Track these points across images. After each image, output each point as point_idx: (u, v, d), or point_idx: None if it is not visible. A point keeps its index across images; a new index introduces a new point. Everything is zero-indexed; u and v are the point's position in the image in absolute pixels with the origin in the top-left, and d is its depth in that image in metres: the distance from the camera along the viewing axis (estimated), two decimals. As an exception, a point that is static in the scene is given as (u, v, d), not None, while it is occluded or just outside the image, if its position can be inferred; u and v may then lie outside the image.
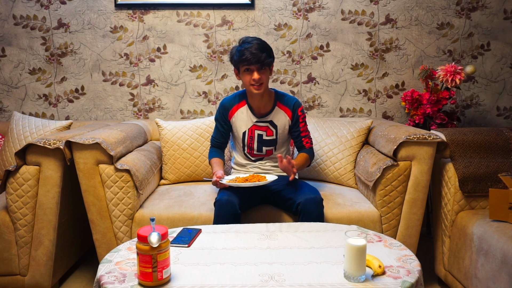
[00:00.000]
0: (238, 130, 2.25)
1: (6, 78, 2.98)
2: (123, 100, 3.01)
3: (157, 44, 2.96)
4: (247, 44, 2.09)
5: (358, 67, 3.01)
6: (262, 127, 2.22)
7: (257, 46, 2.08)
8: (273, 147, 2.25)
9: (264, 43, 2.13)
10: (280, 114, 2.23)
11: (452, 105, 3.02)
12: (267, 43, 2.15)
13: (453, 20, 2.97)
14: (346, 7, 2.95)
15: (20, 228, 2.06)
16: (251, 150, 2.25)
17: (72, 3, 2.91)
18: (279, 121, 2.23)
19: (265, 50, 2.10)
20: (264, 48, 2.10)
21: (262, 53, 2.07)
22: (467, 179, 2.04)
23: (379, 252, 1.53)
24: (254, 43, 2.09)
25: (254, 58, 2.06)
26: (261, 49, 2.08)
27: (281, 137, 2.25)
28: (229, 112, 2.25)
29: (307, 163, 2.25)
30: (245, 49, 2.07)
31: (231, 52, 2.16)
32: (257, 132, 2.22)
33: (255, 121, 2.22)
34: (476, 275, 1.85)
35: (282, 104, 2.24)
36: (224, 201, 1.95)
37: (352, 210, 2.13)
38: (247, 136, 2.23)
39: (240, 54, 2.08)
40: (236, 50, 2.12)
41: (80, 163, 2.04)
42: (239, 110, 2.24)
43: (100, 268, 1.43)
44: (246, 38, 2.15)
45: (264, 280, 1.35)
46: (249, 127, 2.23)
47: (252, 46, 2.07)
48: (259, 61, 2.07)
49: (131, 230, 2.11)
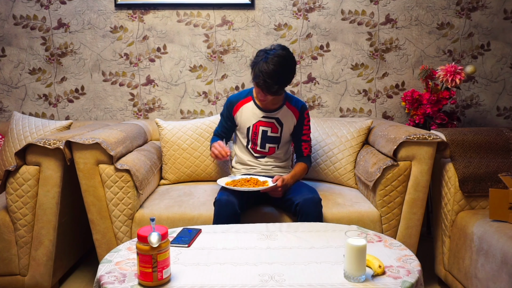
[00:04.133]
0: (242, 124, 2.25)
1: (6, 78, 2.98)
2: (123, 100, 3.01)
3: (157, 44, 2.96)
4: (267, 66, 1.98)
5: (358, 67, 3.01)
6: (268, 123, 2.22)
7: (273, 74, 1.98)
8: (276, 145, 2.25)
9: (285, 69, 2.02)
10: (287, 113, 2.23)
11: (452, 105, 3.02)
12: (289, 65, 2.04)
13: (453, 20, 2.97)
14: (346, 7, 2.95)
15: (20, 228, 2.06)
16: (254, 145, 2.25)
17: (72, 3, 2.91)
18: (286, 120, 2.23)
19: (281, 80, 2.01)
20: (282, 77, 2.01)
21: (275, 84, 2.00)
22: (467, 179, 2.04)
23: (379, 252, 1.53)
24: (273, 68, 1.97)
25: (266, 86, 2.01)
26: (277, 79, 1.99)
27: (285, 137, 2.25)
28: (234, 107, 2.25)
29: (305, 172, 2.26)
30: (262, 72, 1.98)
31: (256, 59, 2.05)
32: (262, 128, 2.22)
33: (261, 116, 2.22)
34: (476, 275, 1.85)
35: (291, 105, 2.24)
36: (224, 201, 1.95)
37: (352, 210, 2.13)
38: (251, 131, 2.23)
39: (256, 75, 2.02)
40: (257, 66, 2.01)
41: (80, 163, 2.04)
42: (244, 105, 2.25)
43: (100, 268, 1.43)
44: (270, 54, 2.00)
45: (264, 280, 1.35)
46: (254, 123, 2.23)
47: (270, 72, 1.97)
48: (269, 91, 2.03)
49: (131, 230, 2.11)
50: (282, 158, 2.29)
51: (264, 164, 2.28)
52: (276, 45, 2.07)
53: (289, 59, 2.04)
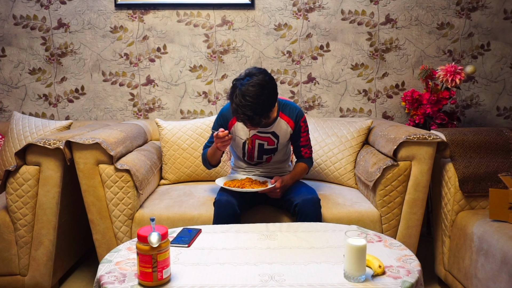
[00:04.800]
0: (238, 140, 2.17)
1: (6, 78, 2.98)
2: (123, 100, 3.01)
3: (157, 44, 2.96)
4: (243, 99, 1.83)
5: (358, 67, 3.01)
6: (264, 137, 2.13)
7: (251, 106, 1.82)
8: (273, 154, 2.21)
9: (263, 97, 1.84)
10: (282, 124, 2.13)
11: (452, 105, 3.02)
12: (268, 91, 1.87)
13: (453, 20, 2.97)
14: (346, 7, 2.95)
15: (20, 228, 2.06)
16: (251, 158, 2.21)
17: (72, 3, 2.91)
18: (281, 132, 2.13)
19: (260, 111, 1.84)
20: (261, 106, 1.85)
21: (256, 115, 1.85)
22: (467, 179, 2.04)
23: (379, 252, 1.53)
24: (250, 100, 1.82)
25: (249, 121, 1.88)
26: (255, 110, 1.83)
27: (282, 145, 2.19)
28: (228, 123, 2.14)
29: (305, 172, 2.22)
30: (239, 107, 1.84)
31: (231, 90, 1.92)
32: (258, 142, 2.14)
33: (256, 132, 2.11)
34: (476, 275, 1.85)
35: (285, 114, 2.13)
36: (224, 201, 1.95)
37: (352, 210, 2.13)
38: (247, 146, 2.16)
39: (234, 109, 1.89)
40: (234, 101, 1.87)
41: (80, 163, 2.04)
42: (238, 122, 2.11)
43: (100, 268, 1.43)
44: (244, 84, 1.85)
45: (264, 280, 1.35)
46: (249, 138, 2.14)
47: (248, 105, 1.82)
48: (252, 123, 1.90)
49: (131, 230, 2.10)
50: (281, 158, 2.27)
51: (262, 168, 2.26)
52: (250, 70, 1.92)
53: (265, 84, 1.88)
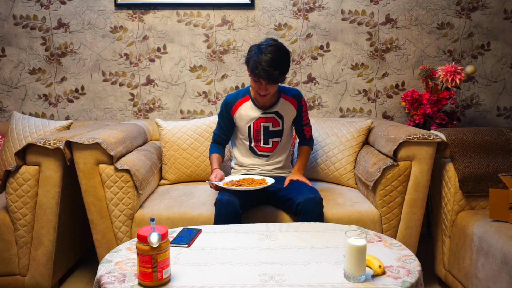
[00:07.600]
0: (242, 124, 2.26)
1: (6, 78, 2.98)
2: (123, 100, 3.01)
3: (157, 44, 2.96)
4: (263, 56, 2.02)
5: (358, 67, 3.01)
6: (268, 118, 2.24)
7: (271, 62, 2.01)
8: (279, 139, 2.27)
9: (281, 56, 2.05)
10: (285, 105, 2.26)
11: (452, 105, 3.02)
12: (284, 53, 2.08)
13: (453, 20, 2.97)
14: (346, 7, 2.95)
15: (20, 228, 2.06)
16: (257, 143, 2.26)
17: (72, 3, 2.91)
18: (285, 112, 2.26)
19: (279, 66, 2.03)
20: (279, 63, 2.04)
21: (275, 70, 2.02)
22: (467, 179, 2.04)
23: (379, 252, 1.53)
24: (270, 56, 2.02)
25: (266, 75, 2.02)
26: (275, 65, 2.02)
27: (287, 128, 2.29)
28: (232, 107, 2.26)
29: (309, 154, 2.37)
30: (259, 62, 2.02)
31: (249, 54, 2.10)
32: (263, 124, 2.24)
33: (260, 114, 2.23)
34: (476, 275, 1.85)
35: (287, 95, 2.27)
36: (225, 201, 1.95)
37: (352, 210, 2.13)
38: (252, 129, 2.24)
39: (254, 66, 2.04)
40: (252, 59, 2.05)
41: (80, 163, 2.04)
42: (242, 105, 2.25)
43: (100, 268, 1.43)
44: (263, 45, 2.06)
45: (264, 280, 1.35)
46: (254, 121, 2.24)
47: (267, 60, 2.01)
48: (270, 78, 2.04)
49: (131, 230, 2.11)
50: (284, 148, 2.32)
51: (264, 165, 2.28)
52: (266, 39, 2.12)
53: (282, 48, 2.09)
